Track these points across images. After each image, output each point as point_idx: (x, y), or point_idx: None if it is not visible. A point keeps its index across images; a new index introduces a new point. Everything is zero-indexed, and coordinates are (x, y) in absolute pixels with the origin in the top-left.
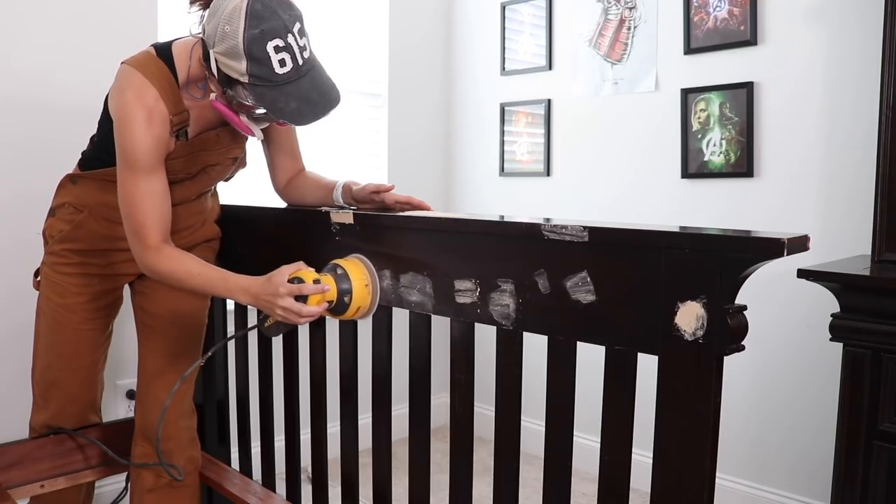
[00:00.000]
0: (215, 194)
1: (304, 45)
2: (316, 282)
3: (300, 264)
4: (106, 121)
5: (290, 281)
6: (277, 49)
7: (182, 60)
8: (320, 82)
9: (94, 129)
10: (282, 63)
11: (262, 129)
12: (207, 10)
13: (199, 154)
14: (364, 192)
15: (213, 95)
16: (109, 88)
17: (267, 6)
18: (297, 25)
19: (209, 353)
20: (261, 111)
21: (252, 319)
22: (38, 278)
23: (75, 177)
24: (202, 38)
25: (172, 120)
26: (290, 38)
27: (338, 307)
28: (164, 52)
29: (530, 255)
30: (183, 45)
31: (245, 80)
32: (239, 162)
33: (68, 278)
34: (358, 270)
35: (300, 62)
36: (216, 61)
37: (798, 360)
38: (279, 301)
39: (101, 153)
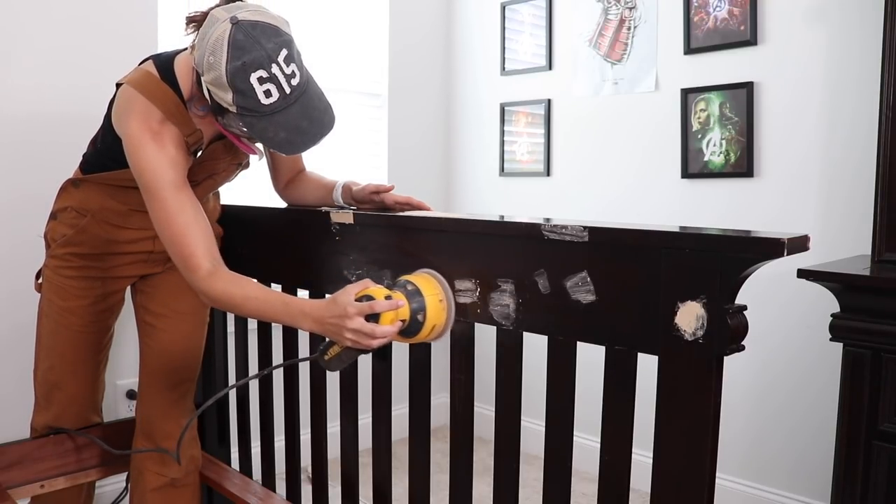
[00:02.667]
0: (217, 195)
1: (293, 72)
2: (387, 298)
3: (367, 282)
4: (109, 131)
5: (359, 300)
6: (262, 80)
7: (185, 77)
8: (311, 108)
9: (94, 132)
10: (267, 94)
11: None
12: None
13: (205, 163)
14: (364, 192)
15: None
16: (113, 106)
17: (249, 35)
18: (283, 53)
19: (243, 381)
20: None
21: (252, 324)
22: (40, 280)
23: (78, 181)
24: (193, 65)
25: (187, 141)
26: (275, 68)
27: (411, 327)
28: (166, 69)
29: (530, 255)
30: (185, 60)
31: (233, 109)
32: (243, 167)
33: (70, 281)
34: (430, 285)
35: (287, 91)
36: (208, 90)
37: (798, 360)
38: (348, 323)
39: (103, 159)
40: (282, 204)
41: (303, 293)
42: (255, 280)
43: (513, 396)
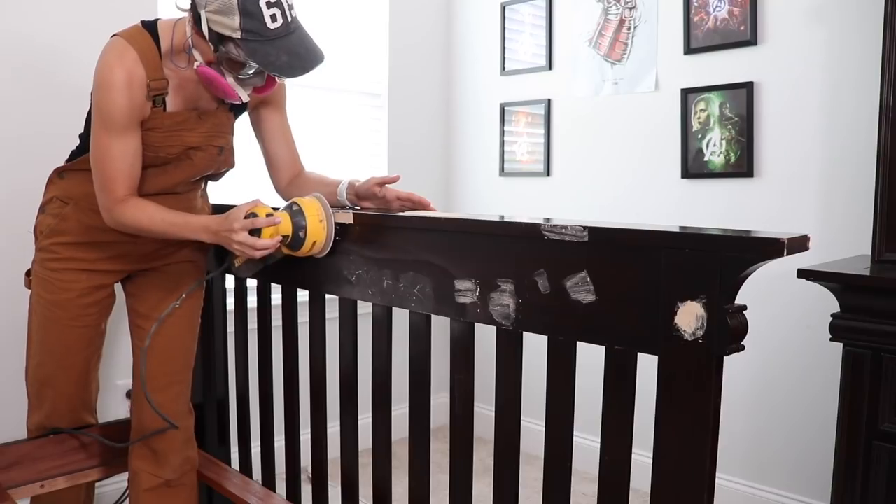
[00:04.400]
0: (205, 195)
1: (292, 5)
2: (269, 216)
3: (257, 201)
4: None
5: (246, 217)
6: (269, 4)
7: (166, 32)
8: (307, 40)
9: None
10: (273, 18)
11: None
12: None
13: (179, 132)
14: (368, 184)
15: (196, 64)
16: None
17: None
18: None
19: (183, 295)
20: (248, 71)
21: (252, 323)
22: (30, 277)
23: (63, 171)
24: (193, 1)
25: (150, 84)
26: None
27: (294, 242)
28: (149, 24)
29: (530, 255)
30: (167, 20)
31: (237, 35)
32: (225, 157)
33: (57, 274)
34: (313, 207)
35: (289, 19)
36: (207, 21)
37: (798, 360)
38: (234, 236)
39: (87, 141)
40: (282, 203)
41: (303, 293)
42: (159, 205)
43: (513, 396)
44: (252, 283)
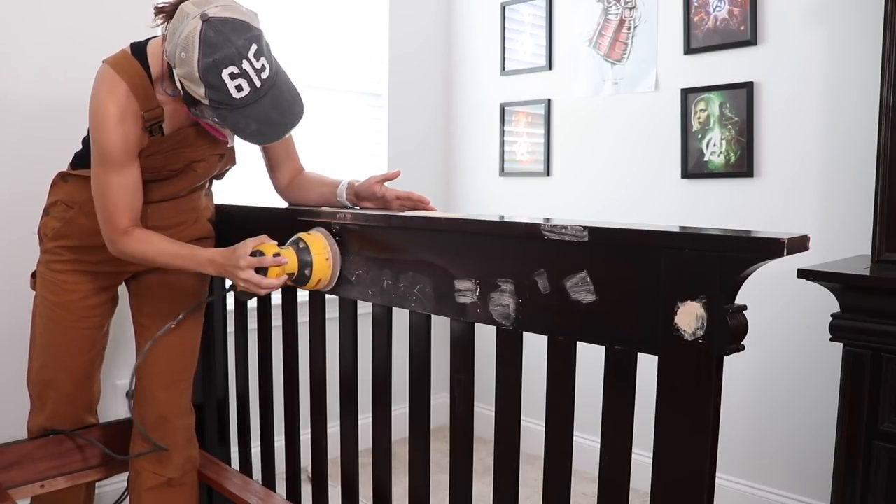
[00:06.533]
0: (209, 193)
1: (262, 66)
2: (276, 255)
3: (264, 238)
4: None
5: (253, 254)
6: (233, 76)
7: (156, 57)
8: (281, 100)
9: None
10: (238, 88)
11: None
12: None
13: (180, 150)
14: (368, 182)
15: None
16: None
17: (220, 32)
18: (253, 48)
19: (181, 316)
20: None
21: (253, 323)
22: (35, 279)
23: (67, 175)
24: (165, 57)
25: (144, 116)
26: (245, 64)
27: (299, 279)
28: (138, 49)
29: (530, 255)
30: (157, 42)
31: (206, 102)
32: (227, 159)
33: (61, 275)
34: (319, 244)
35: (258, 85)
36: (181, 82)
37: (798, 360)
38: (240, 274)
39: (90, 153)
40: (281, 204)
41: (303, 293)
42: (165, 236)
43: (513, 396)
44: None
